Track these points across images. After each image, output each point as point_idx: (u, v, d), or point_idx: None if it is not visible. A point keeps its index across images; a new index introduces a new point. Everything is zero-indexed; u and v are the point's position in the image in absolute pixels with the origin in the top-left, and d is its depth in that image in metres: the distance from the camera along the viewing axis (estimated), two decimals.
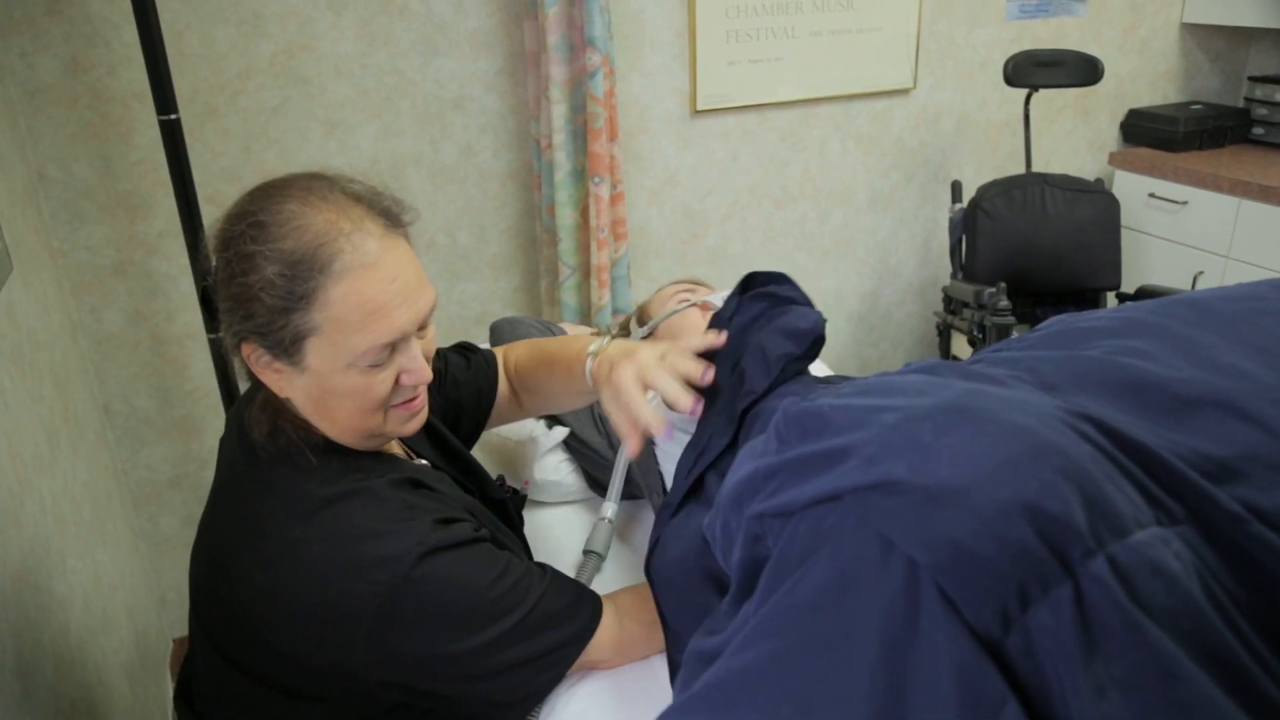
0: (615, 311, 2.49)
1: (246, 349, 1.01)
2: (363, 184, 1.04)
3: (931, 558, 0.66)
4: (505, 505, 1.35)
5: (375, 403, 1.03)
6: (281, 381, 1.03)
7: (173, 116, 1.88)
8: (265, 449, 1.05)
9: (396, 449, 1.22)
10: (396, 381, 1.04)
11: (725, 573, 1.00)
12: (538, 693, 1.16)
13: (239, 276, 0.96)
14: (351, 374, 1.00)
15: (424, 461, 1.24)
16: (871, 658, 0.68)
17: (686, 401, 1.12)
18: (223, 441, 1.18)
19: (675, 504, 1.20)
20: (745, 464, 0.87)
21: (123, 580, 2.10)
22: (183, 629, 2.43)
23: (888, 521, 0.68)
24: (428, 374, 1.06)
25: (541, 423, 1.69)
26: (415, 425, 1.11)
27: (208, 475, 1.24)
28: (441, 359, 1.41)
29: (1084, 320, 0.95)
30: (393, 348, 1.02)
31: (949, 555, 0.65)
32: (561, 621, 1.13)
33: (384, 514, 1.02)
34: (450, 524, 1.06)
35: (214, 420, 2.40)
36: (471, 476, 1.33)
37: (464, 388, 1.41)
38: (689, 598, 1.09)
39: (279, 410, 1.06)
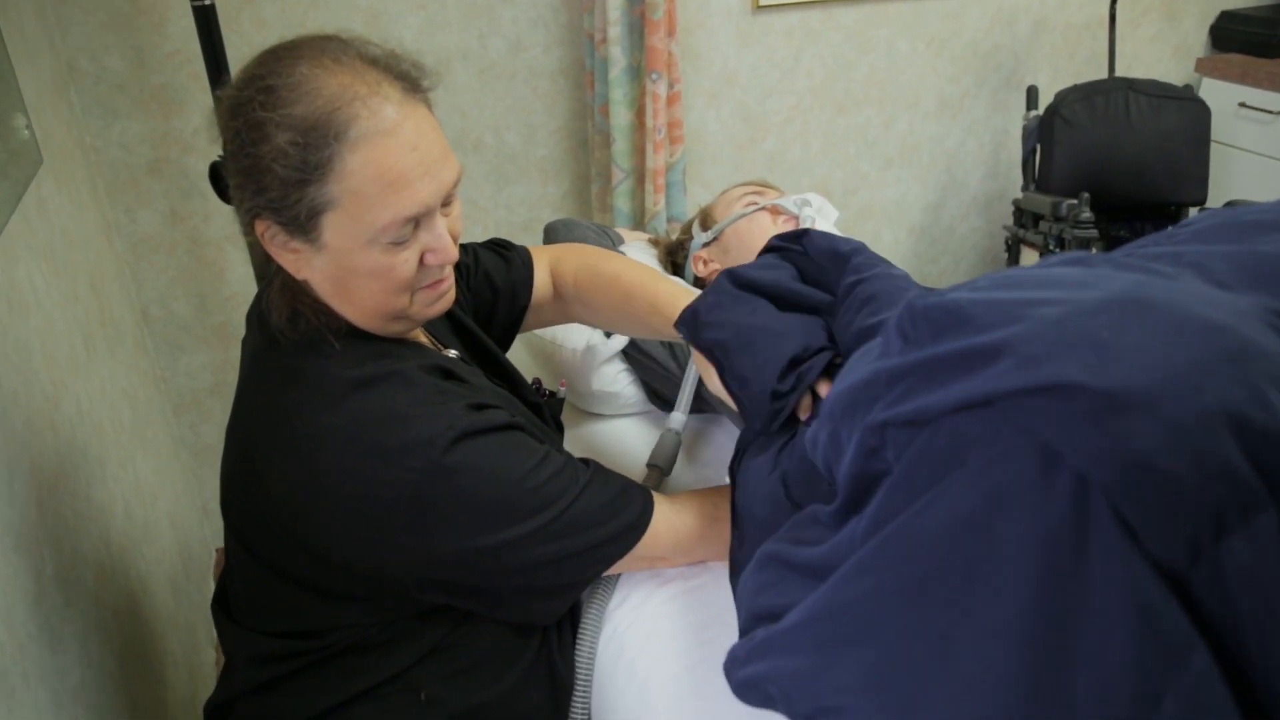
0: (670, 219, 2.36)
1: (260, 227, 0.93)
2: (379, 46, 0.96)
3: (1110, 475, 0.56)
4: (540, 409, 1.27)
5: (399, 284, 0.96)
6: (299, 262, 0.96)
7: (207, 3, 1.76)
8: (286, 335, 0.98)
9: (422, 337, 1.14)
10: (421, 262, 0.97)
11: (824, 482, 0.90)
12: (584, 581, 1.11)
13: (249, 147, 0.89)
14: (373, 252, 0.93)
15: (452, 352, 1.17)
16: (1028, 591, 0.58)
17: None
18: (244, 341, 1.11)
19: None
20: (859, 367, 0.76)
21: (164, 489, 2.05)
22: None
23: (1056, 431, 0.57)
24: (454, 253, 0.99)
25: (599, 331, 1.59)
26: (442, 306, 1.04)
27: None
28: (471, 254, 1.33)
29: (1248, 214, 0.82)
30: (416, 224, 0.94)
31: (1132, 472, 0.55)
32: (610, 515, 1.06)
33: (415, 397, 0.96)
34: (483, 409, 0.99)
35: None
36: (504, 377, 1.26)
37: (498, 283, 1.33)
38: (782, 505, 0.99)
39: (298, 293, 1.00)
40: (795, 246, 1.15)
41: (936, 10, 2.65)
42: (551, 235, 1.69)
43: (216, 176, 0.99)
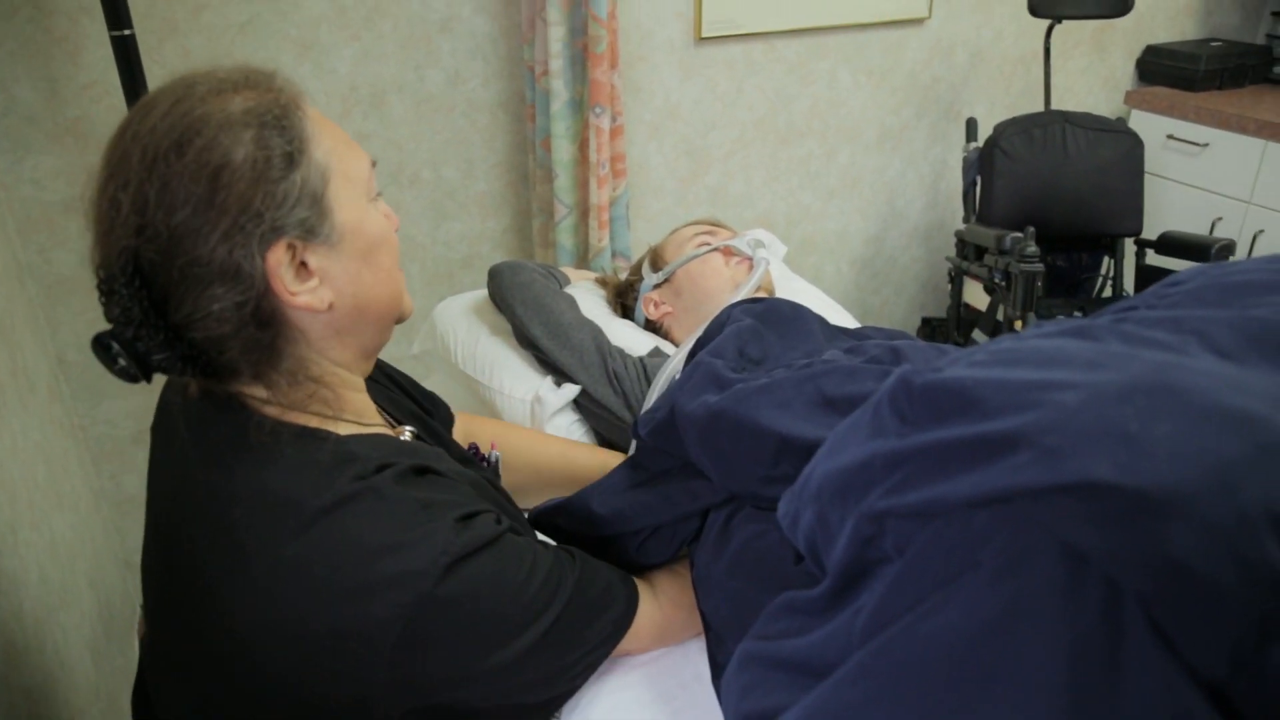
0: (615, 254, 2.31)
1: (275, 258, 0.81)
2: (225, 73, 0.87)
3: (1145, 582, 0.51)
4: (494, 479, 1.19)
5: (396, 249, 0.95)
6: (320, 289, 0.85)
7: (126, 33, 1.68)
8: (264, 434, 0.86)
9: (375, 415, 1.03)
10: None
11: (796, 569, 0.86)
12: (573, 689, 1.05)
13: (222, 167, 0.78)
14: (373, 212, 0.91)
15: (408, 431, 1.06)
16: (1052, 705, 0.53)
17: None
18: (173, 425, 0.95)
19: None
20: (850, 446, 0.71)
21: (83, 547, 1.92)
22: None
23: (1083, 533, 0.53)
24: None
25: (548, 380, 1.53)
26: (409, 301, 1.01)
27: None
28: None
29: (1235, 273, 0.80)
30: None
31: (1169, 579, 0.51)
32: (600, 611, 1.00)
33: (396, 520, 0.83)
34: (471, 520, 0.88)
35: None
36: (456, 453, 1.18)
37: (425, 404, 1.27)
38: (743, 598, 0.95)
39: (304, 369, 0.89)
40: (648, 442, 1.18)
41: (877, 42, 2.66)
42: (497, 278, 1.62)
43: (107, 345, 0.82)
